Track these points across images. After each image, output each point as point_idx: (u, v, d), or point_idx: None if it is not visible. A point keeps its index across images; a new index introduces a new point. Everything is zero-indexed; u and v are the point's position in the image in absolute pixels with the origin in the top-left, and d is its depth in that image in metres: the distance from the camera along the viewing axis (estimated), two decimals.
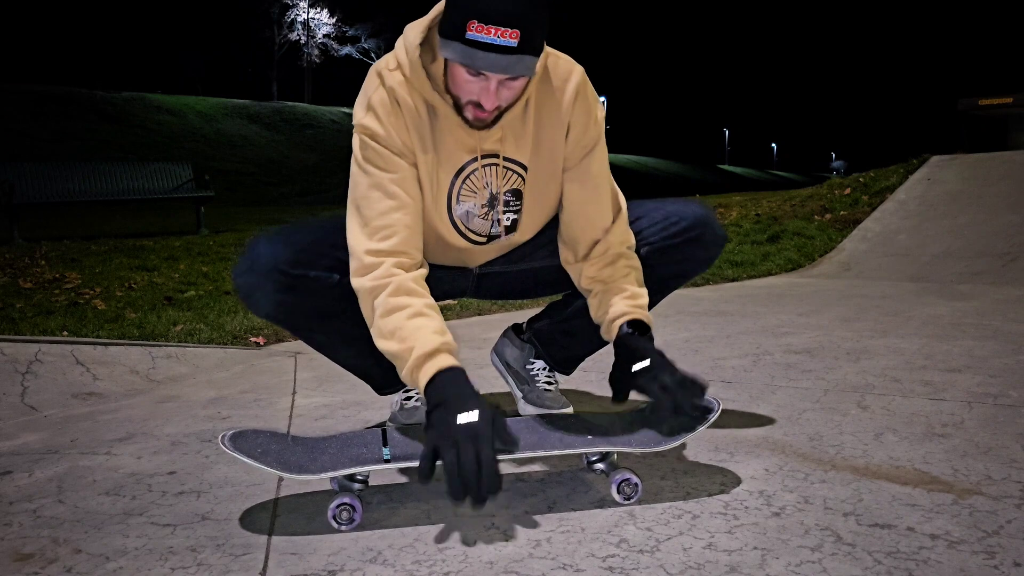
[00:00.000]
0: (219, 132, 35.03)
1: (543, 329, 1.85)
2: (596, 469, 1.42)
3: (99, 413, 2.11)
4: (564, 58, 1.53)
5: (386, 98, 1.44)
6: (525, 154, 1.52)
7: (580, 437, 1.43)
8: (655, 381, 1.41)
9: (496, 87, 1.35)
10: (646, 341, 1.49)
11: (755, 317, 3.37)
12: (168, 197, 10.28)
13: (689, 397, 1.40)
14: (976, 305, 3.59)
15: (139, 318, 3.56)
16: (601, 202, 1.57)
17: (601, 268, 1.56)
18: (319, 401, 2.15)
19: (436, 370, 1.29)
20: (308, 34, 51.80)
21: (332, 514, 1.27)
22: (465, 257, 1.64)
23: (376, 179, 1.43)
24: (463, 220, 1.55)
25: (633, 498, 1.34)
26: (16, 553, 1.22)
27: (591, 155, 1.55)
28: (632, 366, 1.45)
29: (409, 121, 1.45)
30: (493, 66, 1.30)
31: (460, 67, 1.35)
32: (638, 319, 1.51)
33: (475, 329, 3.24)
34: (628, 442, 1.40)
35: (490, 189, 1.53)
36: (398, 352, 1.32)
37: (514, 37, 1.27)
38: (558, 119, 1.51)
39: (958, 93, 52.18)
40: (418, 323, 1.33)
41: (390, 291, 1.36)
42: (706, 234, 1.67)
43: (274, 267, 1.50)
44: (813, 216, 6.72)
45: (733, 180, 57.71)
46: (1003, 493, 1.32)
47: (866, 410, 1.87)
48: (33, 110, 30.45)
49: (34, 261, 6.02)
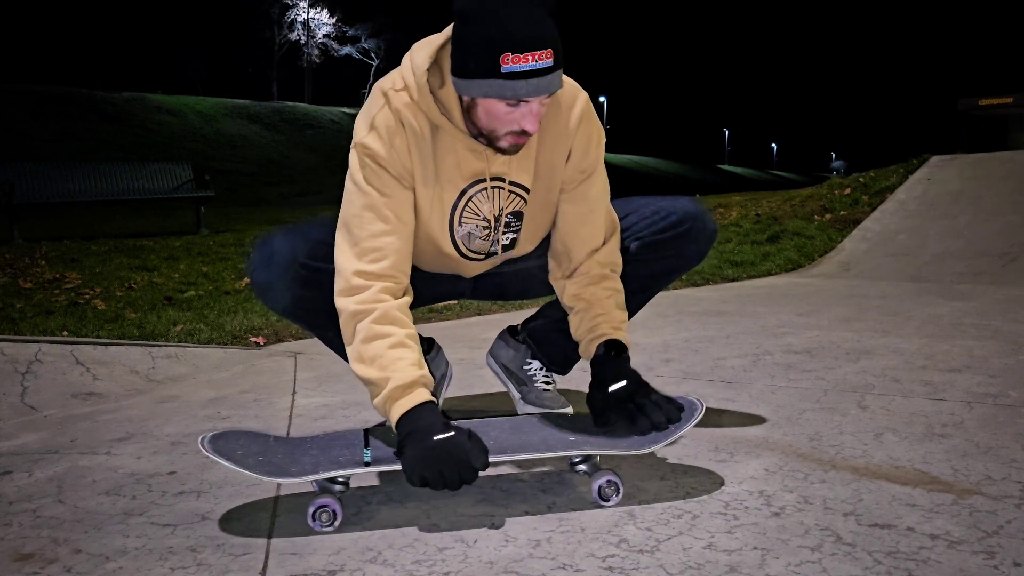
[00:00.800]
0: (219, 132, 35.03)
1: (538, 329, 1.85)
2: (579, 471, 1.41)
3: (99, 413, 2.12)
4: (569, 82, 1.53)
5: (391, 119, 1.42)
6: (528, 177, 1.52)
7: (563, 438, 1.43)
8: (630, 401, 1.44)
9: (538, 109, 1.35)
10: (622, 362, 1.50)
11: (755, 317, 3.37)
12: (168, 197, 10.29)
13: (665, 416, 1.42)
14: (976, 305, 3.59)
15: (139, 318, 3.56)
16: (595, 224, 1.57)
17: (584, 286, 1.56)
18: (319, 401, 2.15)
19: (412, 404, 1.30)
20: (308, 34, 51.82)
21: (311, 516, 1.26)
22: (461, 269, 1.65)
23: (371, 200, 1.42)
24: (464, 241, 1.55)
25: (612, 500, 1.33)
26: (16, 553, 1.22)
27: (590, 179, 1.55)
28: (608, 387, 1.47)
29: (413, 144, 1.44)
30: (538, 91, 1.31)
31: (497, 101, 1.33)
32: (615, 339, 1.52)
33: (475, 329, 3.23)
34: (613, 444, 1.39)
35: (494, 211, 1.53)
36: (375, 379, 1.33)
37: (549, 57, 1.29)
38: (561, 142, 1.51)
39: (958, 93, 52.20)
40: (398, 354, 1.34)
41: (374, 318, 1.36)
42: (695, 228, 1.66)
43: (294, 260, 1.50)
44: (813, 216, 6.72)
45: (733, 180, 57.71)
46: (1003, 493, 1.32)
47: (866, 410, 1.87)
48: (33, 110, 30.46)
49: (34, 261, 6.02)
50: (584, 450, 1.38)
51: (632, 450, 1.37)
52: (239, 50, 52.78)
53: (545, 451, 1.37)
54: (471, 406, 2.05)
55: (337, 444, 1.41)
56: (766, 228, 6.50)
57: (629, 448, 1.38)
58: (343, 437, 1.45)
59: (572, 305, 1.58)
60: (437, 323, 3.46)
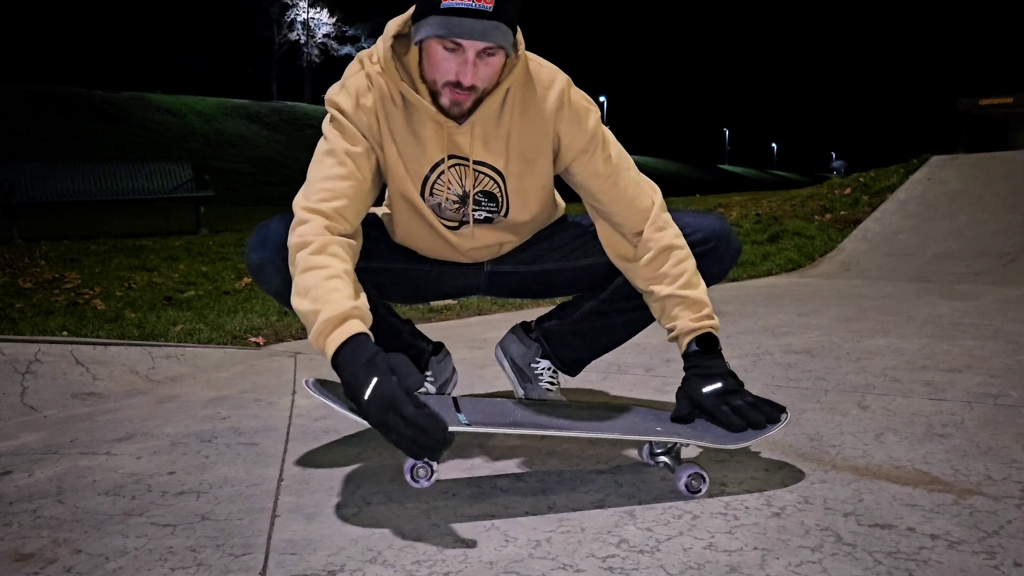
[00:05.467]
0: (219, 132, 35.01)
1: (552, 329, 1.85)
2: (660, 463, 1.44)
3: (99, 413, 2.11)
4: (548, 66, 1.55)
5: (363, 82, 1.48)
6: (498, 158, 1.54)
7: (648, 425, 1.45)
8: (727, 405, 1.44)
9: (474, 59, 1.37)
10: (717, 361, 1.50)
11: (755, 317, 3.37)
12: (168, 197, 10.29)
13: (764, 416, 1.43)
14: (976, 305, 3.59)
15: (139, 318, 3.56)
16: (627, 187, 1.57)
17: (656, 270, 1.55)
18: (319, 401, 2.14)
19: (343, 339, 1.25)
20: (308, 34, 51.79)
21: (408, 472, 1.28)
22: (454, 243, 1.65)
23: (332, 145, 1.47)
24: (435, 210, 1.59)
25: (701, 491, 1.35)
26: (16, 553, 1.22)
27: (593, 157, 1.56)
28: (703, 387, 1.47)
29: (383, 108, 1.48)
30: (471, 32, 1.33)
31: (436, 44, 1.37)
32: (706, 333, 1.52)
33: (475, 329, 3.23)
34: (700, 436, 1.41)
35: (463, 188, 1.56)
36: (308, 312, 1.30)
37: (488, 2, 1.31)
38: (540, 125, 1.53)
39: (958, 93, 52.20)
40: (333, 284, 1.31)
41: (312, 249, 1.35)
42: (720, 247, 1.67)
43: (284, 243, 1.51)
44: (813, 216, 6.72)
45: (733, 180, 57.70)
46: (1003, 493, 1.32)
47: (866, 410, 1.87)
48: (32, 110, 30.43)
49: (34, 261, 6.02)
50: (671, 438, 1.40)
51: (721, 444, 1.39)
52: (239, 50, 52.80)
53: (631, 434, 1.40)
54: None
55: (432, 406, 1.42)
56: (766, 228, 6.50)
57: (714, 442, 1.39)
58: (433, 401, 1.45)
59: (649, 290, 1.57)
60: (437, 323, 3.46)
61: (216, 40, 52.51)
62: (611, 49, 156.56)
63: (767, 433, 1.42)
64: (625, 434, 1.40)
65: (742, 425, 1.42)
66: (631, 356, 2.51)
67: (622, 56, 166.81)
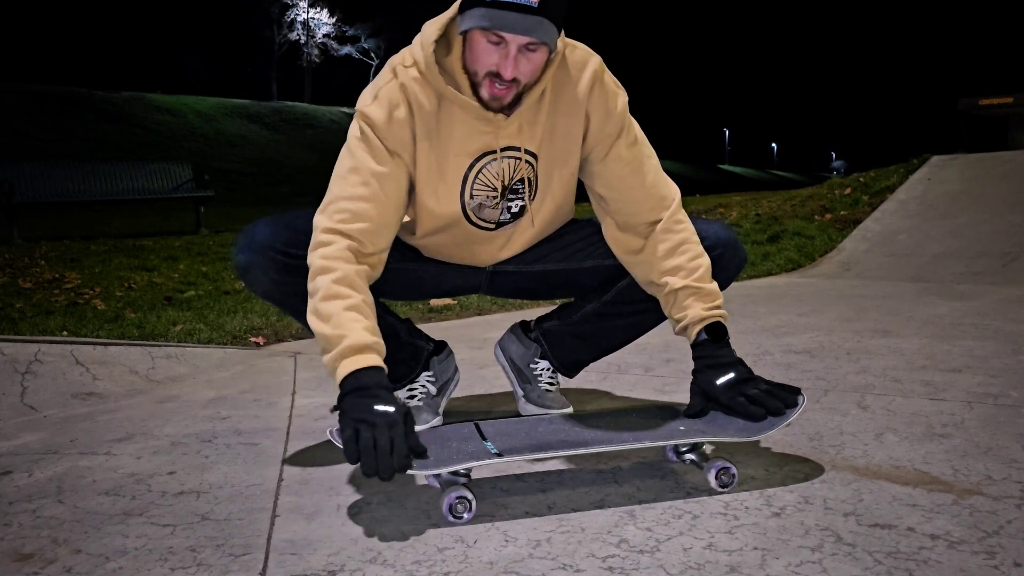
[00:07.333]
0: (219, 132, 35.02)
1: (552, 330, 1.85)
2: (686, 460, 1.44)
3: (99, 413, 2.11)
4: (581, 47, 1.54)
5: (396, 93, 1.45)
6: (535, 143, 1.53)
7: (672, 426, 1.45)
8: (743, 395, 1.44)
9: (516, 54, 1.36)
10: (726, 350, 1.50)
11: (755, 317, 3.37)
12: (168, 197, 10.30)
13: (782, 402, 1.43)
14: (976, 305, 3.59)
15: (139, 318, 3.56)
16: (645, 182, 1.57)
17: (671, 260, 1.55)
18: (319, 401, 2.15)
19: (362, 365, 1.30)
20: (308, 34, 51.79)
21: (447, 508, 1.26)
22: (475, 246, 1.64)
23: (358, 164, 1.45)
24: (475, 212, 1.57)
25: (731, 486, 1.35)
26: (16, 553, 1.22)
27: (618, 141, 1.56)
28: (716, 379, 1.46)
29: (418, 120, 1.46)
30: (515, 26, 1.32)
31: (480, 36, 1.36)
32: (715, 323, 1.51)
33: (475, 329, 3.23)
34: (723, 431, 1.41)
35: (503, 180, 1.55)
36: (330, 336, 1.33)
37: None
38: (574, 108, 1.52)
39: (958, 93, 52.18)
40: (353, 316, 1.34)
41: (336, 278, 1.36)
42: (727, 255, 1.67)
43: (270, 246, 1.52)
44: (813, 216, 6.72)
45: (733, 180, 57.67)
46: (1003, 493, 1.32)
47: (866, 410, 1.87)
48: (32, 110, 30.44)
49: (33, 261, 6.02)
50: (694, 438, 1.40)
51: (742, 437, 1.39)
52: (239, 50, 52.80)
53: (654, 440, 1.39)
54: (473, 407, 2.04)
55: (453, 438, 1.41)
56: (766, 228, 6.50)
57: (737, 435, 1.39)
58: (455, 431, 1.46)
59: (662, 282, 1.56)
60: (437, 323, 3.46)
61: (216, 40, 52.57)
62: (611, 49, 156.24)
63: (788, 419, 1.42)
64: (655, 441, 1.38)
65: (762, 414, 1.41)
66: (631, 356, 2.51)
67: (622, 56, 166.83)
